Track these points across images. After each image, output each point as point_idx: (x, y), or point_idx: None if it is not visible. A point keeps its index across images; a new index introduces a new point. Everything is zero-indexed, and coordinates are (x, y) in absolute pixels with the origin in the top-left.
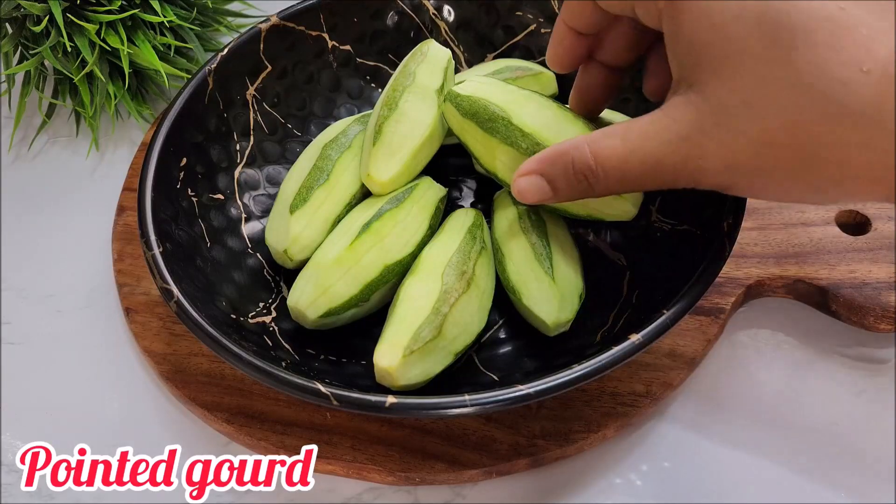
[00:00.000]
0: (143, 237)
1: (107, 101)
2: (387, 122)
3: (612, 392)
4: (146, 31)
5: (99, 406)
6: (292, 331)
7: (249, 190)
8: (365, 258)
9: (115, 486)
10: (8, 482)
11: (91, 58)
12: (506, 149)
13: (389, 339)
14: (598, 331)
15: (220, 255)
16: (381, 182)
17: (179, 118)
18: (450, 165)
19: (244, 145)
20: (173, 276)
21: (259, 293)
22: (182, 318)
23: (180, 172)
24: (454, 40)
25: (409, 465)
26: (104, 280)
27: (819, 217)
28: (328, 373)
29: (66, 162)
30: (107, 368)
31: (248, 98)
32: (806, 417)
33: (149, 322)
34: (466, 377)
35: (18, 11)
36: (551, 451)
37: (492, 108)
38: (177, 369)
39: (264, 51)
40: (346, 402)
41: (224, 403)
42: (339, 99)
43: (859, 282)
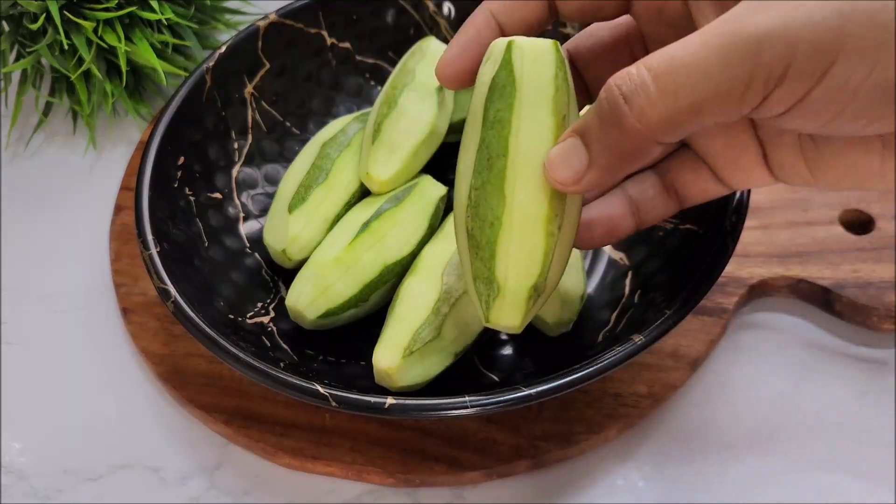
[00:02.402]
0: (140, 237)
1: (104, 99)
2: (386, 120)
3: (615, 393)
4: (144, 28)
5: (96, 407)
6: (291, 331)
7: (248, 189)
8: (364, 258)
9: (115, 486)
10: (7, 483)
11: (88, 56)
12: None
13: (389, 339)
14: (600, 331)
15: (217, 255)
16: (380, 181)
17: (177, 116)
18: (450, 164)
19: (242, 144)
20: (170, 275)
21: (257, 293)
22: (179, 318)
23: (178, 171)
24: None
25: (409, 466)
26: (101, 280)
27: (823, 216)
28: (327, 373)
29: (64, 160)
30: (104, 369)
31: (246, 96)
32: (809, 417)
33: (146, 322)
34: (467, 378)
35: (15, 9)
36: (553, 452)
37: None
38: (174, 370)
39: (263, 48)
40: (345, 404)
41: (222, 404)
42: (339, 97)
43: (863, 281)
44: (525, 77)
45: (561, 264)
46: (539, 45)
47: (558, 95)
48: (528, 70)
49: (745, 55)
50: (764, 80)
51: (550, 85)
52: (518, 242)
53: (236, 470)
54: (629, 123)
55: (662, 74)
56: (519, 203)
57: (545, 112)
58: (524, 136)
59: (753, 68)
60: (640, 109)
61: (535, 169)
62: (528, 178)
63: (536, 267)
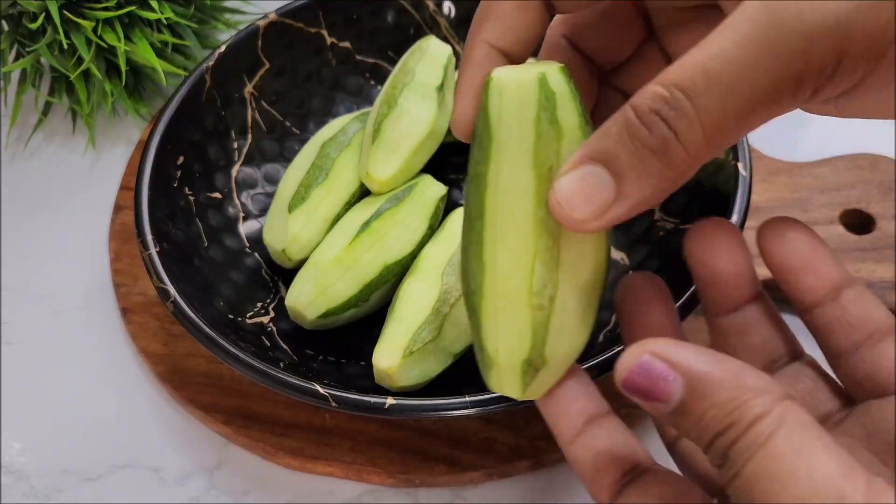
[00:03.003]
0: (140, 236)
1: (103, 98)
2: (386, 119)
3: (615, 393)
4: (143, 28)
5: (96, 407)
6: (291, 331)
7: (247, 188)
8: (364, 258)
9: (115, 487)
10: (7, 483)
11: (88, 55)
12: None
13: (389, 339)
14: (601, 331)
15: (217, 255)
16: (380, 181)
17: (177, 116)
18: (450, 163)
19: (242, 143)
20: (170, 275)
21: (257, 293)
22: (179, 318)
23: (177, 171)
24: (455, 37)
25: (409, 466)
26: (101, 280)
27: (823, 216)
28: (327, 373)
29: (63, 160)
30: (104, 369)
31: (246, 96)
32: None
33: (146, 322)
34: (467, 378)
35: (15, 8)
36: (553, 452)
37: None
38: (174, 370)
39: (263, 48)
40: (345, 404)
41: (222, 404)
42: (339, 96)
43: (864, 281)
44: (502, 123)
45: (568, 333)
46: (521, 80)
47: (541, 143)
48: (505, 114)
49: (792, 54)
50: (815, 77)
51: (531, 131)
52: (502, 315)
53: (236, 470)
54: (675, 151)
55: (701, 93)
56: (500, 273)
57: (524, 164)
58: (502, 194)
59: (804, 66)
60: (684, 136)
61: (515, 233)
62: (508, 244)
63: (525, 342)
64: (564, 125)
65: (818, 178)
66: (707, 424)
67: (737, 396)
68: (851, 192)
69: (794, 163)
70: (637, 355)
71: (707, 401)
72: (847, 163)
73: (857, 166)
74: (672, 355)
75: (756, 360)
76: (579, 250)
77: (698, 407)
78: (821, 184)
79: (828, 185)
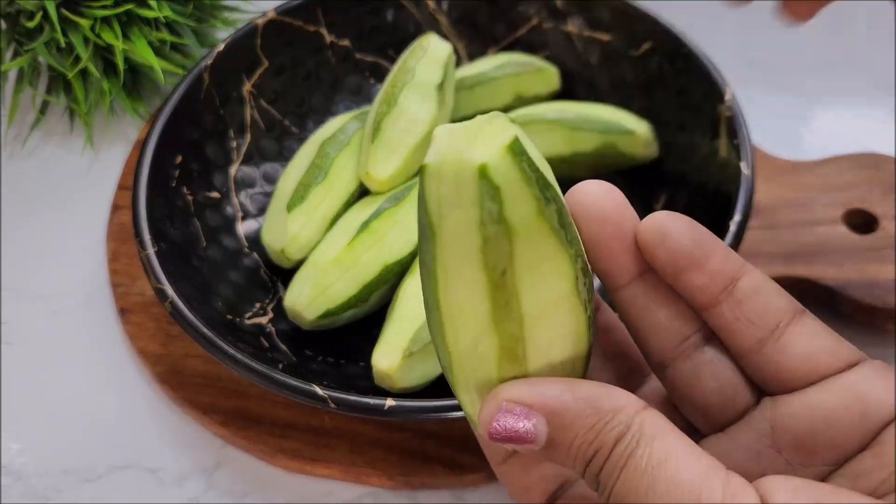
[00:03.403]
0: (138, 236)
1: (101, 97)
2: (386, 118)
3: None
4: (141, 26)
5: (94, 407)
6: (290, 332)
7: (246, 188)
8: (364, 258)
9: (114, 487)
10: (6, 483)
11: (85, 54)
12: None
13: (388, 340)
14: None
15: (216, 255)
16: (380, 180)
17: (175, 115)
18: None
19: (241, 142)
20: (168, 275)
21: (256, 293)
22: (177, 318)
23: (176, 170)
24: (454, 35)
25: (409, 468)
26: (99, 280)
27: (826, 216)
28: (326, 374)
29: (61, 159)
30: (101, 370)
31: (244, 94)
32: None
33: (144, 323)
34: None
35: (12, 7)
36: None
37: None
38: (172, 371)
39: (261, 46)
40: (344, 405)
41: (220, 405)
42: (338, 95)
43: (868, 282)
44: (443, 223)
45: None
46: (460, 172)
47: (489, 247)
48: (445, 212)
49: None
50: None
51: (476, 234)
52: (475, 395)
53: (234, 471)
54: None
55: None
56: (466, 366)
57: (473, 268)
58: (453, 295)
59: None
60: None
61: (474, 335)
62: (468, 343)
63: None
64: (515, 222)
65: (821, 177)
66: (576, 455)
67: (595, 423)
68: (855, 192)
69: (797, 162)
70: (494, 406)
71: (570, 432)
72: (851, 162)
73: (861, 166)
74: (525, 397)
75: (664, 338)
76: (548, 339)
77: (565, 439)
78: (824, 183)
79: (831, 185)
